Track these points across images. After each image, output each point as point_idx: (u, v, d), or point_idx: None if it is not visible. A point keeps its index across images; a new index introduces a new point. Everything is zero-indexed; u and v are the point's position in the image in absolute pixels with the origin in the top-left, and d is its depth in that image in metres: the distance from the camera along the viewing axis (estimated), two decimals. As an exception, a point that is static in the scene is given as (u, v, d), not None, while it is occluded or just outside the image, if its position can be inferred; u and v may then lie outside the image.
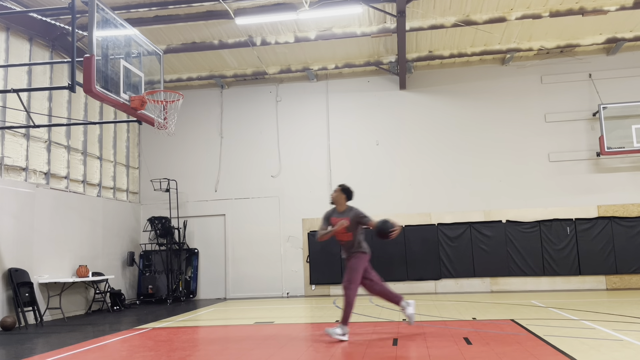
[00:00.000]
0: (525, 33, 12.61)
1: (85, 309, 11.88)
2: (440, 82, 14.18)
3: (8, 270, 9.59)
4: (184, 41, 12.45)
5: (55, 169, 11.50)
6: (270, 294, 14.01)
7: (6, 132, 10.07)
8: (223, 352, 6.23)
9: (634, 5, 11.21)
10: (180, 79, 14.44)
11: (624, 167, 13.18)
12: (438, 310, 9.51)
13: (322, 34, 12.11)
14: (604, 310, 8.73)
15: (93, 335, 8.14)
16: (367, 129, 14.24)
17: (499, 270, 13.05)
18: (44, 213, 10.73)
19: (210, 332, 8.07)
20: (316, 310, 10.41)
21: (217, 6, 10.74)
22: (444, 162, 13.80)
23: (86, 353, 6.51)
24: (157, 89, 8.42)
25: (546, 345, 5.81)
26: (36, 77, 11.00)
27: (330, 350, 6.02)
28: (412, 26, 11.67)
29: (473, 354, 5.49)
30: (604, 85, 13.43)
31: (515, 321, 7.74)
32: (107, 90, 6.76)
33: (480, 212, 13.41)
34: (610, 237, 12.76)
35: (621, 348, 5.52)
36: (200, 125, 14.95)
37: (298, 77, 14.72)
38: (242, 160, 14.68)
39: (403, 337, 6.68)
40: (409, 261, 13.36)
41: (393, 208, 13.71)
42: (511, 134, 13.67)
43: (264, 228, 14.27)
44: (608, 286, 12.75)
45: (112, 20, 7.06)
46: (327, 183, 14.17)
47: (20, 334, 8.59)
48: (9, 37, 10.31)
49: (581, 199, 13.15)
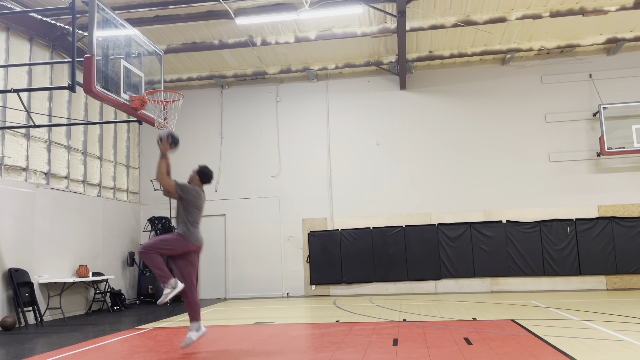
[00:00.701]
0: (526, 33, 12.61)
1: (86, 309, 11.88)
2: (440, 82, 14.18)
3: (8, 270, 9.59)
4: (184, 41, 12.45)
5: (56, 169, 11.50)
6: (271, 294, 14.01)
7: (6, 132, 10.07)
8: (223, 352, 6.23)
9: (634, 5, 11.21)
10: (181, 79, 14.44)
11: (624, 167, 13.18)
12: (438, 310, 9.50)
13: (322, 34, 12.11)
14: (604, 310, 8.72)
15: (93, 335, 8.14)
16: (367, 129, 14.24)
17: (499, 271, 13.05)
18: (44, 213, 10.72)
19: (210, 332, 8.06)
20: (316, 311, 10.41)
21: (218, 6, 10.74)
22: (444, 162, 13.80)
23: (86, 353, 6.51)
24: (157, 89, 8.42)
25: (546, 345, 5.81)
26: (36, 77, 11.00)
27: (331, 350, 6.02)
28: (413, 26, 11.67)
29: (473, 354, 5.49)
30: (604, 86, 13.42)
31: (515, 321, 7.74)
32: (108, 90, 6.76)
33: (480, 212, 13.41)
34: (611, 238, 12.76)
35: (621, 348, 5.52)
36: (200, 125, 14.95)
37: (298, 77, 14.71)
38: (242, 160, 14.68)
39: (403, 337, 6.68)
40: (409, 261, 13.36)
41: (393, 208, 13.72)
42: (511, 134, 13.67)
43: (264, 228, 14.27)
44: (608, 286, 12.74)
45: (112, 20, 7.06)
46: (327, 183, 14.17)
47: (21, 334, 8.59)
48: (9, 37, 10.31)
49: (581, 199, 13.15)
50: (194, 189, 6.30)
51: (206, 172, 6.52)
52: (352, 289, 13.57)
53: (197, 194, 6.28)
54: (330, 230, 13.87)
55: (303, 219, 14.13)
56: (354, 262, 13.54)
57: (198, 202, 6.26)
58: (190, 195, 6.20)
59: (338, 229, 13.82)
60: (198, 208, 6.26)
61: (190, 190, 6.26)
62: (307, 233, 13.99)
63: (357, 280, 13.51)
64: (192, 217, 6.17)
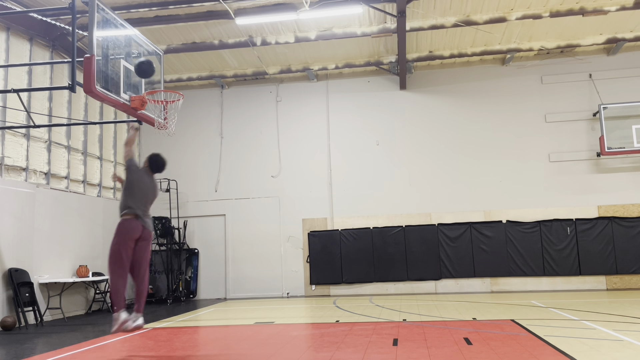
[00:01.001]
0: (526, 33, 12.61)
1: (86, 309, 11.88)
2: (440, 82, 14.18)
3: (8, 270, 9.59)
4: (184, 41, 12.45)
5: (56, 169, 11.50)
6: (271, 294, 14.01)
7: (6, 132, 10.07)
8: (223, 352, 6.23)
9: (634, 5, 11.21)
10: (181, 79, 14.44)
11: (624, 167, 13.18)
12: (438, 310, 9.50)
13: (322, 34, 12.11)
14: (604, 310, 8.72)
15: (93, 335, 8.14)
16: (367, 129, 14.23)
17: (499, 271, 13.05)
18: (44, 213, 10.72)
19: (210, 332, 8.07)
20: (316, 311, 10.41)
21: (218, 6, 10.74)
22: (444, 162, 13.80)
23: (86, 353, 6.51)
24: (157, 89, 8.41)
25: (546, 345, 5.81)
26: (36, 77, 11.00)
27: (331, 350, 6.02)
28: (413, 26, 11.67)
29: (473, 354, 5.49)
30: (604, 86, 13.42)
31: (515, 321, 7.74)
32: (108, 90, 6.76)
33: (480, 212, 13.41)
34: (611, 238, 12.76)
35: (621, 348, 5.52)
36: (200, 125, 14.95)
37: (298, 77, 14.72)
38: (242, 160, 14.68)
39: (403, 337, 6.68)
40: (409, 261, 13.36)
41: (393, 208, 13.73)
42: (511, 134, 13.67)
43: (264, 228, 14.27)
44: (608, 286, 12.74)
45: (112, 21, 7.06)
46: (327, 183, 14.17)
47: (20, 334, 8.59)
48: (9, 37, 10.32)
49: (581, 199, 13.15)
50: (140, 171, 6.27)
51: (155, 159, 6.44)
52: (352, 289, 13.57)
53: (141, 176, 6.23)
54: (330, 230, 13.87)
55: (303, 219, 14.13)
56: (354, 262, 13.55)
57: (142, 186, 6.19)
58: (133, 175, 6.18)
59: (338, 229, 13.82)
60: (143, 192, 6.17)
61: (136, 170, 6.23)
62: (307, 233, 13.99)
63: (357, 280, 13.52)
64: (134, 201, 6.06)
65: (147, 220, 6.21)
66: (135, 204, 6.09)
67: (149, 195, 6.29)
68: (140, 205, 6.15)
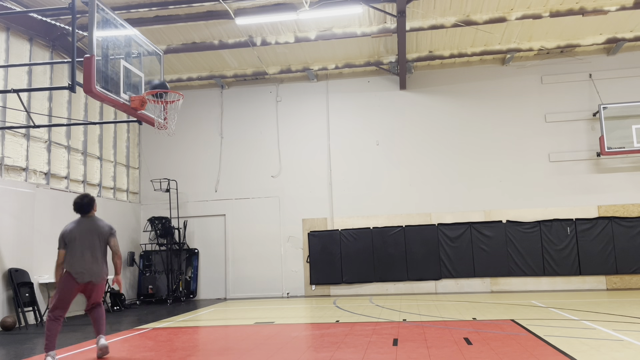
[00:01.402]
0: (526, 33, 12.61)
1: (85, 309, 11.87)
2: (440, 82, 14.18)
3: (8, 270, 9.59)
4: (184, 41, 12.45)
5: (56, 169, 11.50)
6: (271, 294, 14.01)
7: (6, 132, 10.07)
8: (223, 352, 6.23)
9: (634, 5, 11.21)
10: (181, 79, 14.44)
11: (624, 167, 13.18)
12: (438, 310, 9.50)
13: (322, 34, 12.11)
14: (604, 310, 8.72)
15: (93, 335, 8.13)
16: (367, 129, 14.24)
17: (499, 271, 13.05)
18: (44, 213, 10.72)
19: (210, 332, 8.06)
20: (316, 311, 10.41)
21: (217, 6, 10.74)
22: (444, 162, 13.80)
23: (86, 353, 6.51)
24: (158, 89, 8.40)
25: (546, 345, 5.81)
26: (36, 77, 11.00)
27: (331, 350, 6.02)
28: (412, 26, 11.67)
29: (473, 354, 5.49)
30: (604, 85, 13.43)
31: (515, 321, 7.74)
32: (107, 90, 6.76)
33: (480, 212, 13.41)
34: (611, 238, 12.76)
35: (621, 348, 5.52)
36: (200, 125, 14.95)
37: (298, 77, 14.72)
38: (242, 160, 14.68)
39: (403, 337, 6.68)
40: (409, 261, 13.36)
41: (393, 208, 13.73)
42: (511, 134, 13.67)
43: (264, 228, 14.27)
44: (608, 286, 12.74)
45: (112, 21, 7.06)
46: (327, 183, 14.18)
47: (20, 334, 8.60)
48: (9, 37, 10.32)
49: (581, 199, 13.15)
50: (65, 230, 6.15)
51: (74, 202, 6.30)
52: (352, 289, 13.57)
53: (68, 231, 6.13)
54: (330, 230, 13.87)
55: (303, 219, 14.13)
56: (354, 262, 13.55)
57: (72, 236, 6.09)
58: (66, 238, 6.09)
59: (338, 229, 13.82)
60: (74, 240, 6.07)
61: (64, 235, 6.11)
62: (307, 233, 13.99)
63: (357, 280, 13.52)
64: (72, 255, 6.02)
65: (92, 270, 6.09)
66: (73, 262, 6.03)
67: (82, 236, 6.13)
68: (80, 253, 6.06)
